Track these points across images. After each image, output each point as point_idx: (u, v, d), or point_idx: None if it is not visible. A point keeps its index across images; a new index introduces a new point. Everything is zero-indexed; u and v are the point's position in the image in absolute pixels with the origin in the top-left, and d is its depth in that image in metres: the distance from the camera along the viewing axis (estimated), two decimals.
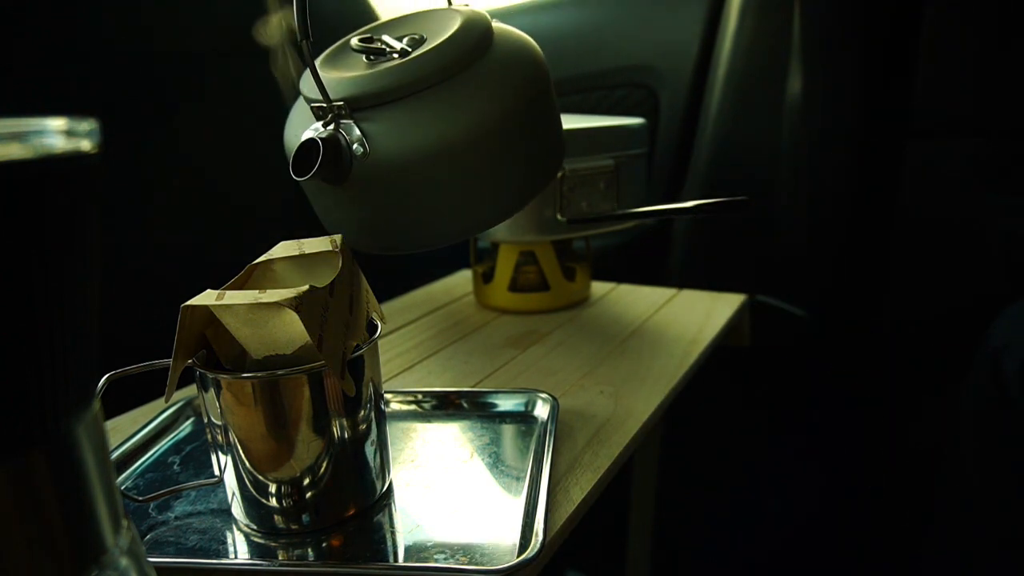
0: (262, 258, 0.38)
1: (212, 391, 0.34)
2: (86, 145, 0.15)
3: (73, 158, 0.15)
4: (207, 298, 0.33)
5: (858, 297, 0.92)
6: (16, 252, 0.14)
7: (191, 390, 0.52)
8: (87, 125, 0.16)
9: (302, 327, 0.32)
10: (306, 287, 0.32)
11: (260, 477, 0.34)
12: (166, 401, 0.34)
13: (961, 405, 0.68)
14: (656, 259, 1.05)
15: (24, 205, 0.14)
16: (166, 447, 0.45)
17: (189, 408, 0.49)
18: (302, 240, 0.39)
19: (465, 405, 0.49)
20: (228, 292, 0.33)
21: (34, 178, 0.14)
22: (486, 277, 0.71)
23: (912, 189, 0.87)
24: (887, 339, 0.89)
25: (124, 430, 0.47)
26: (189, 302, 0.33)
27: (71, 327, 0.16)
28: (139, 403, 0.51)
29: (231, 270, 0.37)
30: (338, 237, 0.39)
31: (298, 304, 0.31)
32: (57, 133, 0.15)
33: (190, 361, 0.34)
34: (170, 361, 0.34)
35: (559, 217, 0.65)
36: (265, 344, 0.34)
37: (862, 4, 0.85)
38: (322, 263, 0.38)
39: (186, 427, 0.48)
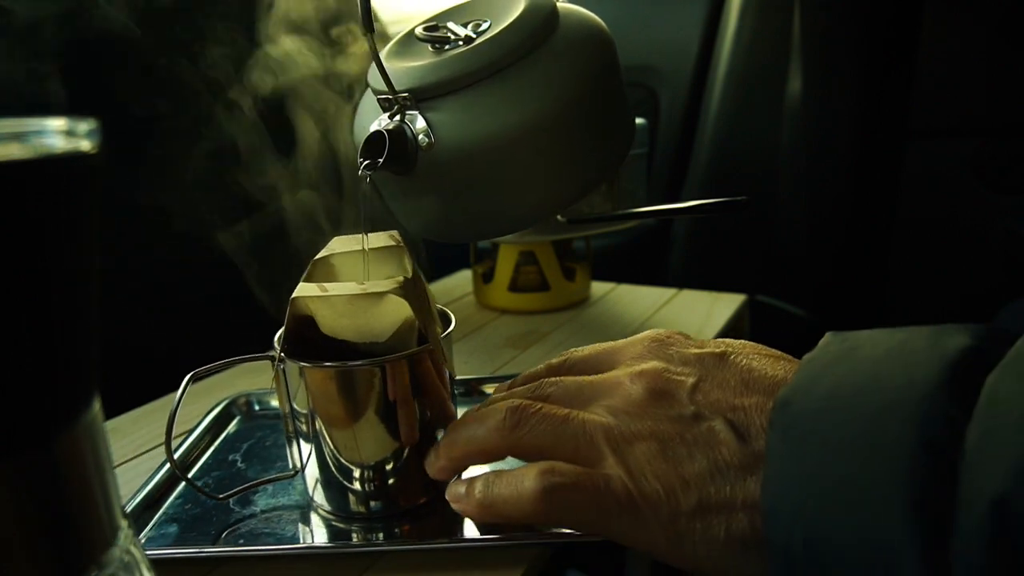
0: (322, 253, 0.38)
1: (302, 382, 0.33)
2: (86, 145, 0.15)
3: (73, 158, 0.15)
4: (309, 290, 0.33)
5: (858, 297, 0.92)
6: (15, 252, 0.14)
7: (226, 389, 0.51)
8: (87, 125, 0.16)
9: (403, 314, 0.33)
10: (400, 277, 0.33)
11: (349, 464, 0.35)
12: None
13: None
14: (656, 259, 1.05)
15: (24, 205, 0.14)
16: (221, 446, 0.45)
17: (233, 407, 0.49)
18: (363, 235, 0.39)
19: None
20: (328, 284, 0.34)
21: (34, 178, 0.14)
22: (486, 277, 0.71)
23: (912, 189, 0.87)
24: None
25: (124, 430, 0.47)
26: (293, 294, 0.33)
27: (71, 327, 0.16)
28: (139, 403, 0.51)
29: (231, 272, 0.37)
30: (395, 232, 0.39)
31: (405, 291, 0.32)
32: (57, 133, 0.15)
33: (279, 353, 0.34)
34: (249, 357, 0.35)
35: (559, 217, 0.65)
36: (361, 334, 0.35)
37: (862, 4, 0.85)
38: (381, 258, 0.39)
39: (232, 426, 0.47)
